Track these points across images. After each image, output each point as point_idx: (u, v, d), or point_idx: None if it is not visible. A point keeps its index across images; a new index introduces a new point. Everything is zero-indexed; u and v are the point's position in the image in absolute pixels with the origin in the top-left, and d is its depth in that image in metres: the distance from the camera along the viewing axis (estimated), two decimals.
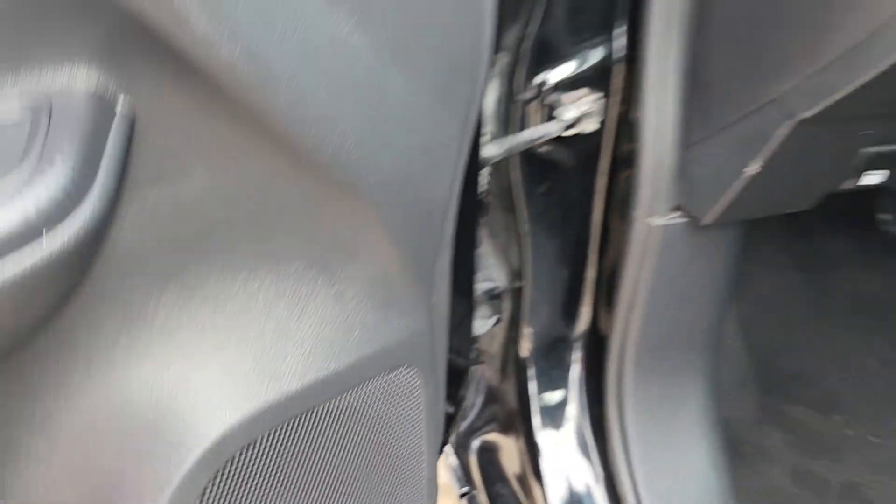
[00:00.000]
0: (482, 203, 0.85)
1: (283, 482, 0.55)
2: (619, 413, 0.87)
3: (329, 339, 0.55)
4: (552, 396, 0.90)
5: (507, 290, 0.94)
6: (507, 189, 0.87)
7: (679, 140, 0.74)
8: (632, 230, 0.79)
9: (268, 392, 0.51)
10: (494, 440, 1.05)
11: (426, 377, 0.63)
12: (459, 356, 0.91)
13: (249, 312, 0.52)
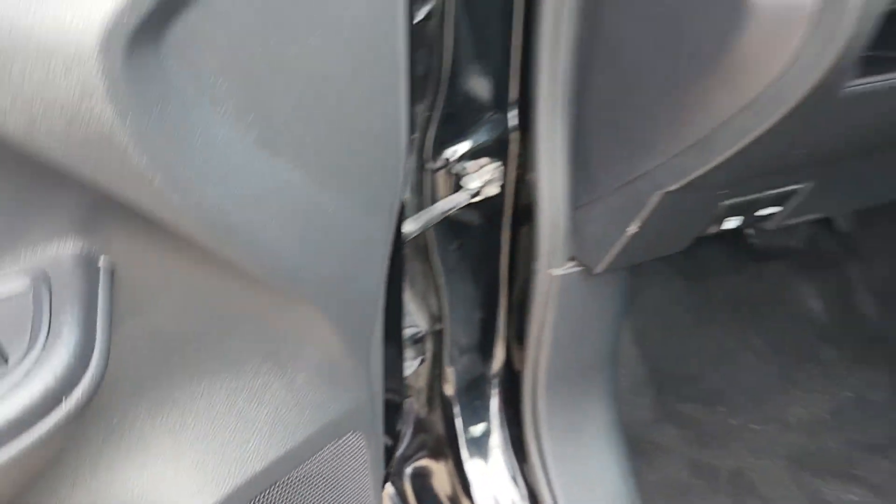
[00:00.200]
0: (404, 265, 0.93)
1: None
2: (536, 436, 0.97)
3: (284, 422, 0.61)
4: (476, 429, 0.99)
5: (429, 333, 1.02)
6: (424, 245, 0.95)
7: (569, 202, 0.84)
8: (535, 279, 0.89)
9: (235, 476, 0.58)
10: (426, 465, 1.13)
11: (369, 438, 0.70)
12: (395, 394, 0.99)
13: (213, 409, 0.58)
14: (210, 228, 0.46)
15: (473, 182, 0.87)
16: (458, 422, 0.99)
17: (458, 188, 0.88)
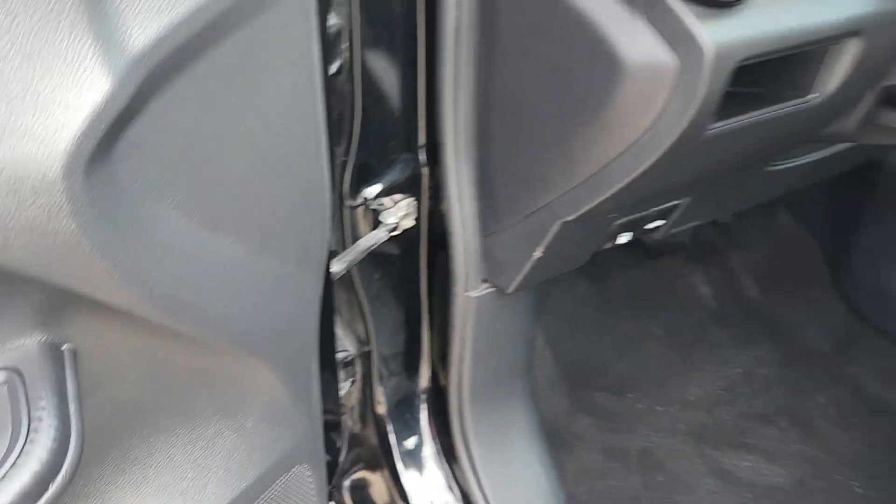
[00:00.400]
0: (334, 300, 0.98)
1: None
2: (465, 443, 1.04)
3: (237, 465, 0.66)
4: (409, 442, 1.05)
5: (358, 356, 1.08)
6: (348, 276, 1.00)
7: (480, 231, 0.91)
8: (454, 302, 0.95)
9: None
10: (363, 477, 1.18)
11: (314, 466, 0.76)
12: (332, 415, 1.04)
13: (172, 461, 0.62)
14: (163, 308, 0.50)
15: (391, 217, 0.92)
16: (392, 437, 1.05)
17: (377, 223, 0.94)
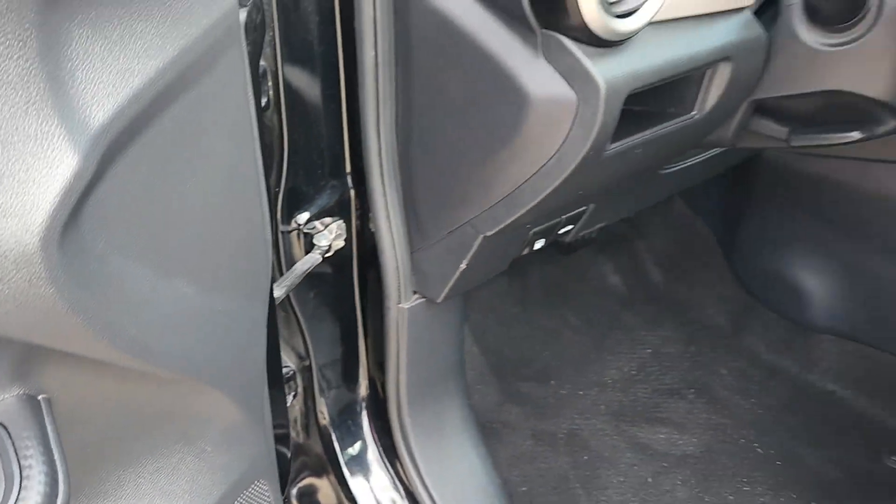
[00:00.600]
0: (277, 322, 1.02)
1: None
2: (406, 444, 1.10)
3: (200, 487, 0.70)
4: (353, 448, 1.11)
5: (298, 370, 1.12)
6: (286, 296, 1.04)
7: (407, 248, 0.97)
8: (387, 314, 1.01)
9: None
10: (310, 483, 1.23)
11: (270, 481, 0.80)
12: (282, 429, 1.08)
13: (140, 490, 0.65)
14: (130, 353, 0.54)
15: (323, 240, 0.97)
16: (336, 444, 1.10)
17: (311, 246, 0.98)
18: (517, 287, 1.71)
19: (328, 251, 0.97)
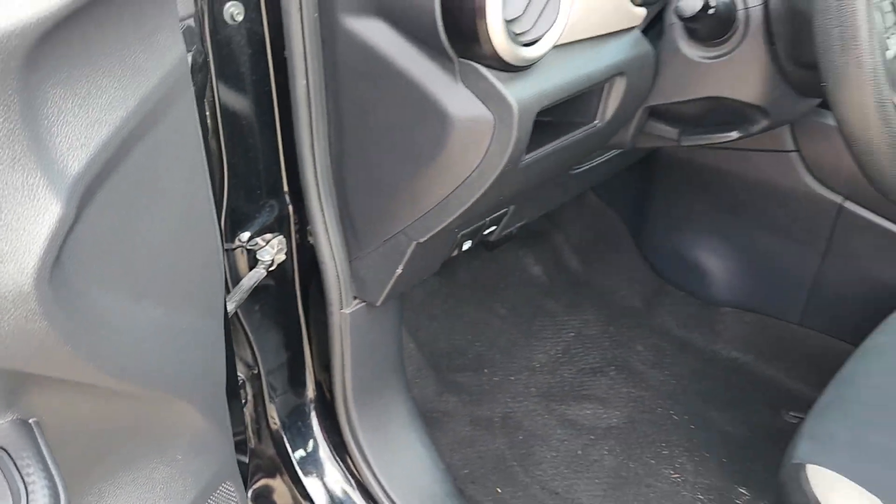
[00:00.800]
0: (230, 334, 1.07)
1: None
2: (355, 440, 1.16)
3: (174, 492, 0.75)
4: (305, 449, 1.17)
5: (247, 379, 1.17)
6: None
7: (346, 257, 1.03)
8: (330, 320, 1.07)
9: None
10: (265, 484, 1.28)
11: (236, 482, 0.86)
12: (240, 434, 1.13)
13: (119, 500, 0.70)
14: (110, 374, 0.59)
15: (266, 255, 1.03)
16: (288, 446, 1.15)
17: (255, 261, 1.04)
18: (447, 284, 1.79)
19: (271, 265, 1.03)
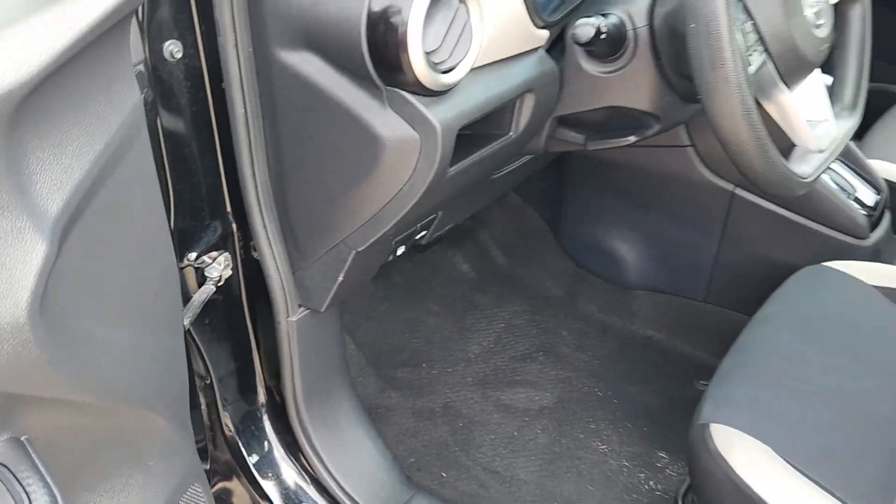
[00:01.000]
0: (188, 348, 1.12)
1: None
2: (307, 438, 1.23)
3: (149, 496, 0.81)
4: (259, 451, 1.23)
5: (200, 389, 1.22)
6: None
7: (290, 268, 1.10)
8: (278, 328, 1.14)
9: None
10: (223, 487, 1.33)
11: (202, 483, 0.92)
12: (200, 441, 1.18)
13: None
14: (91, 391, 0.65)
15: (214, 272, 1.09)
16: (243, 450, 1.21)
17: (203, 278, 1.09)
18: (382, 286, 1.87)
19: (220, 281, 1.09)
